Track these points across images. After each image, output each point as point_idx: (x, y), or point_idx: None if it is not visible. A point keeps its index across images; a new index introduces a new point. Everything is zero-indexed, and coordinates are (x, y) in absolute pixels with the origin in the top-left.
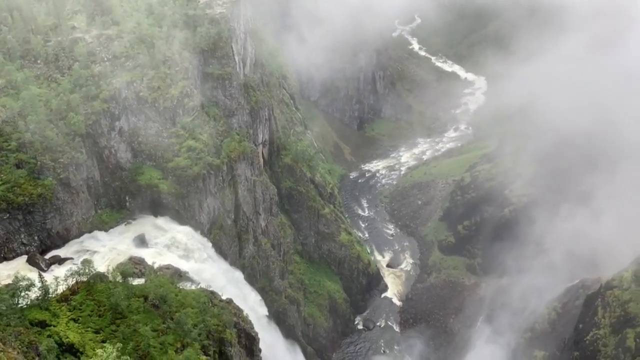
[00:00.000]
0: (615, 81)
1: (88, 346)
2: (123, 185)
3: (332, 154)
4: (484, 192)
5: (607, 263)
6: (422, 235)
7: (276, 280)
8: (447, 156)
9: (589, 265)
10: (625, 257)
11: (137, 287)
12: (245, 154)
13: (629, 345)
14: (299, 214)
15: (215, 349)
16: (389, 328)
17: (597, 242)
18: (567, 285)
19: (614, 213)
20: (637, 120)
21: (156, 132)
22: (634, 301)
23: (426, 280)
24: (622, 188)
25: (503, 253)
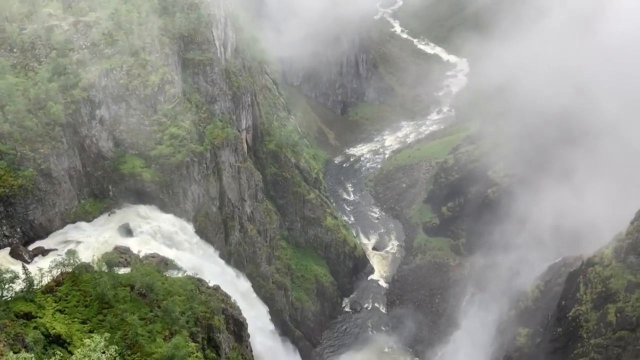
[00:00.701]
0: (592, 58)
1: (75, 337)
2: (106, 175)
3: (316, 139)
4: (467, 174)
5: (589, 240)
6: (407, 218)
7: (263, 266)
8: (430, 139)
9: (571, 243)
10: (607, 234)
11: (123, 277)
12: (228, 141)
13: (610, 320)
14: (284, 200)
15: (204, 335)
16: (376, 309)
17: (579, 219)
18: (550, 264)
19: (595, 189)
20: (613, 96)
21: (138, 120)
22: (614, 277)
23: (412, 262)
24: (602, 163)
25: (487, 233)
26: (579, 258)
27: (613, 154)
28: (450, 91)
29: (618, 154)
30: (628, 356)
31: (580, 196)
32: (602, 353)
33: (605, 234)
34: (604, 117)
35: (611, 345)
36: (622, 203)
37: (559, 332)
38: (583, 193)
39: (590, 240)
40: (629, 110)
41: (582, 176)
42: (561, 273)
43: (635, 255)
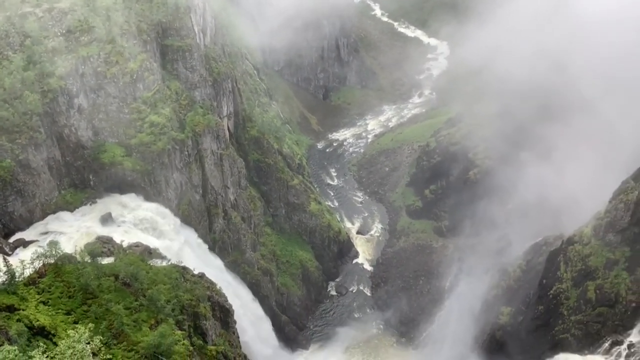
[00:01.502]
0: (569, 37)
1: (60, 328)
2: (86, 164)
3: (298, 125)
4: (449, 156)
5: (570, 218)
6: (391, 201)
7: (248, 252)
8: (412, 122)
9: (552, 222)
10: (588, 211)
11: (107, 267)
12: (210, 128)
13: (590, 297)
14: (268, 186)
15: (190, 323)
16: (361, 292)
17: (561, 197)
18: (531, 243)
19: (575, 167)
20: (590, 73)
21: (117, 109)
22: (593, 255)
23: (395, 245)
24: (582, 140)
25: (469, 215)
26: (559, 237)
27: (592, 131)
28: (431, 74)
29: (597, 130)
30: (607, 331)
31: (561, 174)
32: (582, 329)
33: (586, 211)
34: (581, 94)
35: (591, 322)
36: (602, 180)
37: (541, 309)
38: (564, 171)
39: (571, 218)
40: (606, 87)
41: (562, 154)
42: (542, 252)
43: (614, 233)
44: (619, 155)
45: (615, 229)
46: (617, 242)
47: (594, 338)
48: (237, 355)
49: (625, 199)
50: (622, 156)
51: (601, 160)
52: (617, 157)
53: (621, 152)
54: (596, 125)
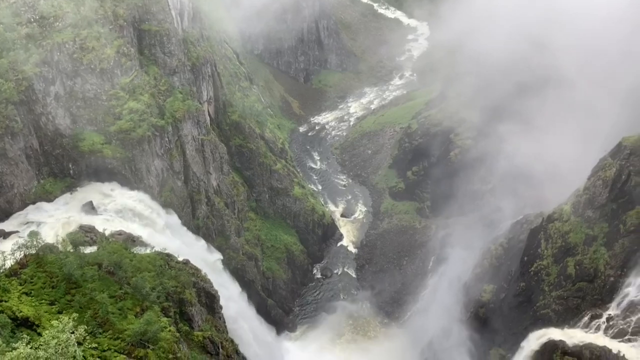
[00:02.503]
0: (546, 12)
1: (44, 318)
2: (65, 153)
3: (280, 108)
4: (431, 138)
5: (551, 195)
6: (374, 184)
7: (232, 238)
8: (394, 104)
9: (533, 200)
10: (568, 186)
11: (90, 256)
12: (190, 113)
13: (570, 272)
14: (250, 171)
15: (176, 309)
16: (346, 274)
17: (541, 174)
18: (512, 221)
19: (555, 142)
20: (568, 48)
21: (94, 95)
22: (573, 232)
23: (379, 227)
24: (560, 115)
25: (451, 195)
26: (540, 215)
27: (572, 105)
28: (411, 55)
29: (577, 105)
30: (586, 305)
31: (542, 150)
32: (563, 304)
33: (568, 186)
34: (559, 70)
35: (571, 297)
36: (583, 154)
37: (522, 286)
38: (544, 146)
39: (553, 193)
40: (584, 62)
41: (542, 130)
42: (523, 230)
43: (592, 210)
44: (599, 129)
45: (594, 205)
46: (596, 218)
47: (574, 312)
48: (224, 340)
49: (603, 176)
50: (602, 130)
51: (581, 134)
52: (597, 131)
53: (601, 126)
54: (576, 100)
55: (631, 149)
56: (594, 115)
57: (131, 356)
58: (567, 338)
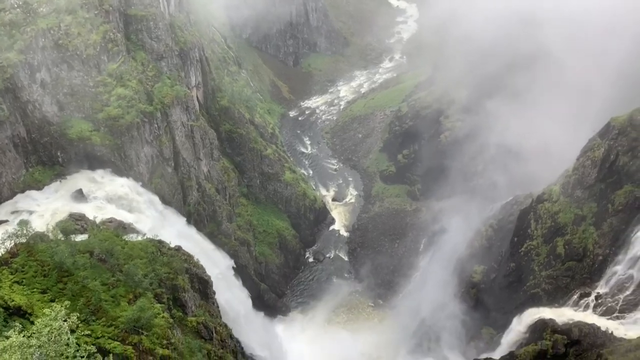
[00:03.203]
0: None
1: (37, 307)
2: (53, 141)
3: (269, 93)
4: (421, 120)
5: (541, 175)
6: (365, 168)
7: (224, 224)
8: (384, 87)
9: (521, 182)
10: (557, 169)
11: (81, 243)
12: (179, 99)
13: (559, 252)
14: (241, 157)
15: (169, 296)
16: (338, 258)
17: (531, 154)
18: (502, 203)
19: (546, 122)
20: (558, 26)
21: (81, 82)
22: (562, 212)
23: (370, 210)
24: (552, 95)
25: (441, 178)
26: (529, 196)
27: (562, 84)
28: (401, 38)
29: (567, 83)
30: (576, 284)
31: (533, 130)
32: (553, 283)
33: (558, 166)
34: (549, 48)
35: (560, 276)
36: (574, 132)
37: (512, 267)
38: (535, 126)
39: (543, 173)
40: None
41: (533, 110)
42: (513, 211)
43: (581, 190)
44: (589, 107)
45: (583, 185)
46: (585, 198)
47: (564, 291)
48: (218, 324)
49: (592, 156)
50: (593, 108)
51: (571, 113)
52: (588, 109)
53: (591, 105)
54: (566, 78)
55: (619, 129)
56: (584, 93)
57: (125, 343)
58: (557, 316)
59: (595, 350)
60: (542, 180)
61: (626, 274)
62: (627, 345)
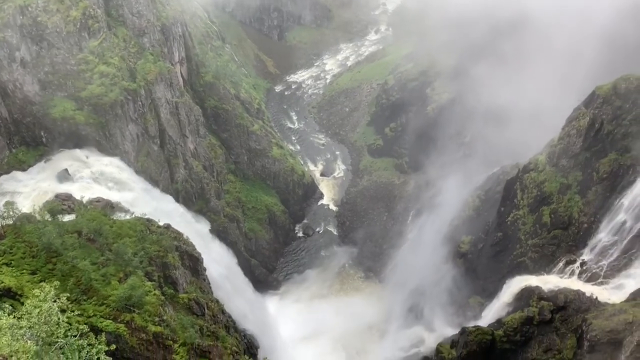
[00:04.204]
0: None
1: (27, 288)
2: (36, 121)
3: (254, 68)
4: (408, 93)
5: (526, 148)
6: (352, 142)
7: (213, 201)
8: (370, 60)
9: (508, 152)
10: (543, 139)
11: (69, 224)
12: (162, 75)
13: (545, 221)
14: (227, 133)
15: (160, 273)
16: (328, 232)
17: (517, 127)
18: (489, 173)
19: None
20: None
21: (62, 60)
22: (548, 181)
23: (359, 184)
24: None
25: (428, 150)
26: (516, 166)
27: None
28: (386, 9)
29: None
30: (561, 252)
31: (519, 102)
32: (539, 252)
33: (543, 139)
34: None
35: (546, 244)
36: (560, 104)
37: (499, 236)
38: (521, 99)
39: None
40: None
41: (519, 80)
42: (499, 181)
43: (567, 159)
44: (576, 75)
45: (568, 154)
46: (570, 167)
47: (550, 259)
48: (209, 300)
49: (577, 125)
50: (579, 76)
51: (558, 81)
52: (574, 77)
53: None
54: (552, 43)
55: (604, 98)
56: (570, 61)
57: (117, 321)
58: (543, 284)
59: (580, 316)
60: (528, 150)
61: (610, 240)
62: (610, 309)
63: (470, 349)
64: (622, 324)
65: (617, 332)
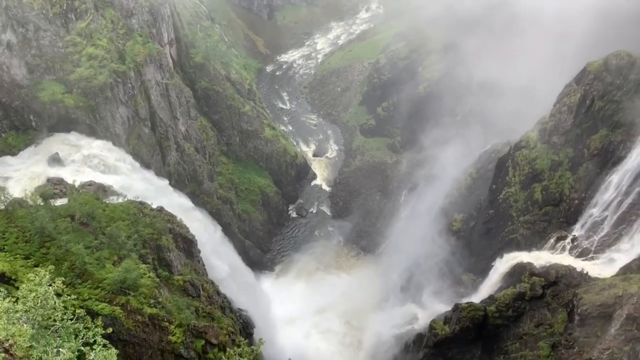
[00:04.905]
0: None
1: (21, 272)
2: (24, 105)
3: (245, 48)
4: (399, 72)
5: (516, 126)
6: (344, 122)
7: (205, 183)
8: (361, 39)
9: (498, 131)
10: (531, 118)
11: (61, 208)
12: (152, 57)
13: (537, 198)
14: (219, 115)
15: (154, 256)
16: (321, 212)
17: (508, 104)
18: (481, 152)
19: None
20: None
21: (50, 43)
22: (539, 158)
23: (351, 164)
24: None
25: (420, 129)
26: (507, 144)
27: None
28: None
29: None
30: (552, 228)
31: (511, 79)
32: (530, 228)
33: (528, 120)
34: None
35: (538, 221)
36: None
37: (491, 213)
38: (513, 76)
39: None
40: None
41: (511, 57)
42: (491, 159)
43: (558, 136)
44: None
45: (559, 131)
46: (561, 143)
47: (541, 235)
48: (204, 282)
49: (568, 102)
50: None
51: (550, 58)
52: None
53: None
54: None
55: (595, 74)
56: (562, 35)
57: (113, 304)
58: (535, 260)
59: (570, 290)
60: (524, 123)
61: (601, 216)
62: (601, 284)
63: (463, 325)
64: (612, 298)
65: (607, 306)
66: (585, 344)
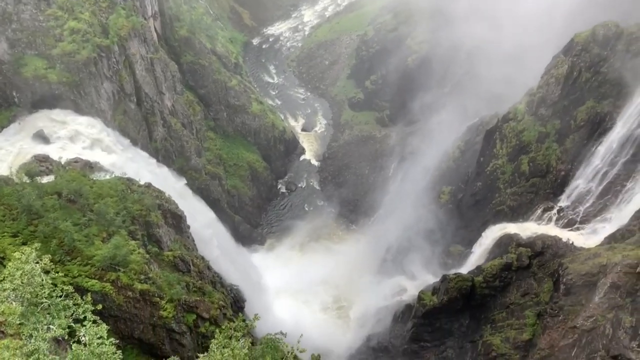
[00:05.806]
0: None
1: (9, 250)
2: (6, 81)
3: (230, 20)
4: (387, 44)
5: (505, 92)
6: (333, 96)
7: (193, 159)
8: (349, 10)
9: (487, 103)
10: (520, 85)
11: (48, 185)
12: (135, 30)
13: (524, 169)
14: (205, 89)
15: (143, 232)
16: (310, 187)
17: (495, 71)
18: (468, 124)
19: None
20: None
21: (30, 16)
22: (527, 130)
23: (340, 139)
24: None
25: (409, 102)
26: (495, 116)
27: None
28: None
29: None
30: (539, 200)
31: (499, 50)
32: (517, 200)
33: (517, 91)
34: None
35: (525, 192)
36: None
37: (479, 186)
38: (502, 46)
39: (503, 99)
40: None
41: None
42: (479, 132)
43: (545, 108)
44: (559, 12)
45: (547, 103)
46: (549, 115)
47: (528, 207)
48: (194, 257)
49: (555, 74)
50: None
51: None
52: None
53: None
54: None
55: (582, 45)
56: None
57: (103, 280)
58: (521, 231)
59: (556, 260)
60: (510, 94)
61: (587, 187)
62: (586, 254)
63: (451, 295)
64: (597, 267)
65: (591, 275)
66: (570, 312)
